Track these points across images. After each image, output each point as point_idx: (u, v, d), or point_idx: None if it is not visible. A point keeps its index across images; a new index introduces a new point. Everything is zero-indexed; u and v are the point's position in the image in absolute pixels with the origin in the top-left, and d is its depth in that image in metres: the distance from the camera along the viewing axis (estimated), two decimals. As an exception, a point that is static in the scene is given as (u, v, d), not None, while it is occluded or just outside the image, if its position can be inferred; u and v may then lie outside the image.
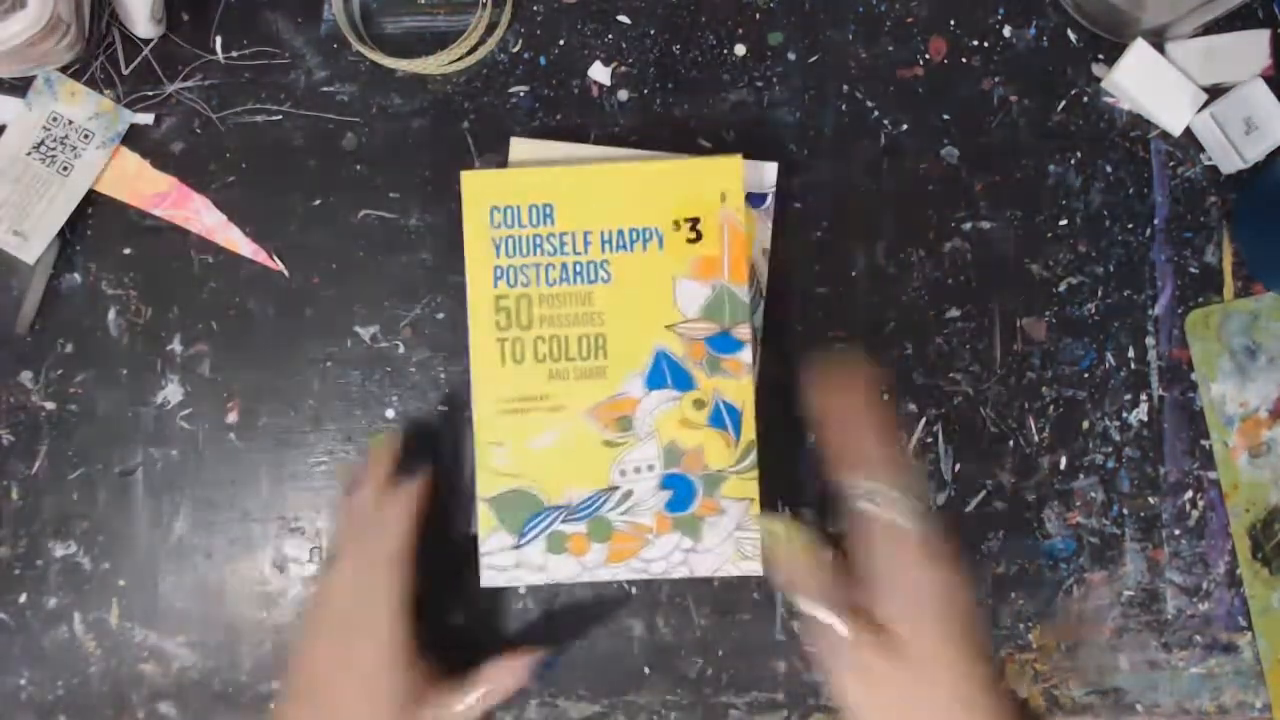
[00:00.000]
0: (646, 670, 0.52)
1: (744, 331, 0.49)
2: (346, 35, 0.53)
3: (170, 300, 0.53)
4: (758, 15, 0.54)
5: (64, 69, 0.53)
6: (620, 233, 0.49)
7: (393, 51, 0.53)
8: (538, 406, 0.49)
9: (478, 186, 0.49)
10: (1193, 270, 0.54)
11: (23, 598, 0.52)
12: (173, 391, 0.53)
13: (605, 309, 0.49)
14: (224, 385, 0.53)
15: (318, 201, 0.54)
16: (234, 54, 0.54)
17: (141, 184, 0.53)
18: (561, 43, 0.54)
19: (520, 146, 0.52)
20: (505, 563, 0.49)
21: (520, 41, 0.54)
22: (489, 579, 0.49)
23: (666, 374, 0.49)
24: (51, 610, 0.52)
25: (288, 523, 0.53)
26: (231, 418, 0.53)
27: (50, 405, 0.53)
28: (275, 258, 0.53)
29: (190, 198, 0.53)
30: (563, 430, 0.49)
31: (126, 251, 0.53)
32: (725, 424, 0.49)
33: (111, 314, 0.53)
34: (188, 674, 0.52)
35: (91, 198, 0.53)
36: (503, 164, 0.53)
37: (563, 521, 0.49)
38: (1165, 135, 0.54)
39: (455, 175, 0.53)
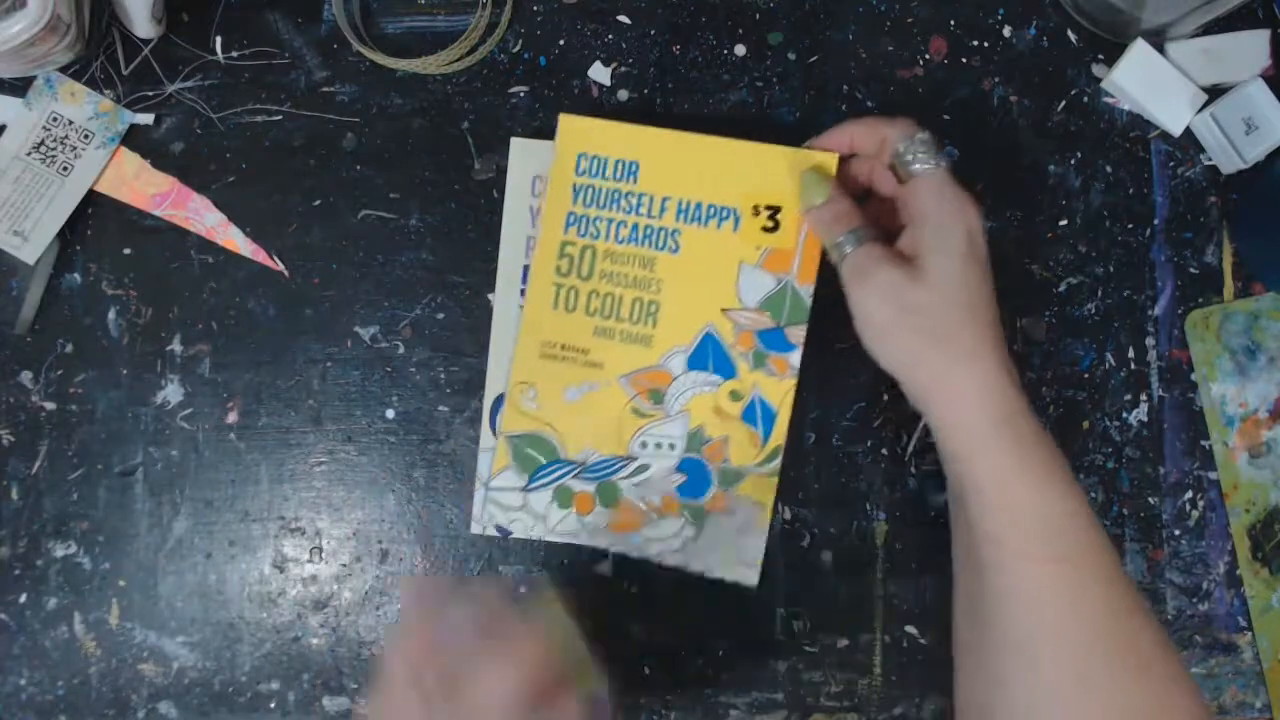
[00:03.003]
0: (646, 670, 0.52)
1: (798, 333, 0.48)
2: (346, 35, 0.53)
3: (170, 300, 0.53)
4: (758, 15, 0.54)
5: (64, 69, 0.53)
6: (699, 206, 0.48)
7: (393, 51, 0.53)
8: (577, 358, 0.49)
9: (572, 130, 0.49)
10: (1193, 270, 0.54)
11: (23, 598, 0.52)
12: (173, 391, 0.53)
13: (666, 278, 0.48)
14: (224, 385, 0.53)
15: (318, 201, 0.54)
16: (234, 54, 0.54)
17: (141, 184, 0.53)
18: (561, 43, 0.54)
19: (521, 147, 0.52)
20: (510, 502, 0.49)
21: (520, 41, 0.54)
22: (489, 516, 0.49)
23: (710, 357, 0.48)
24: (51, 610, 0.52)
25: (288, 523, 0.53)
26: (231, 418, 0.53)
27: (50, 405, 0.53)
28: (275, 258, 0.53)
29: (190, 198, 0.53)
30: (596, 388, 0.48)
31: (126, 251, 0.53)
32: (757, 421, 0.48)
33: (111, 314, 0.53)
34: (188, 674, 0.52)
35: (91, 198, 0.53)
36: (503, 164, 0.53)
37: (574, 477, 0.48)
38: (1165, 135, 0.54)
39: (455, 175, 0.54)
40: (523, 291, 0.51)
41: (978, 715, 0.43)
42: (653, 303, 0.48)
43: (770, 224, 0.48)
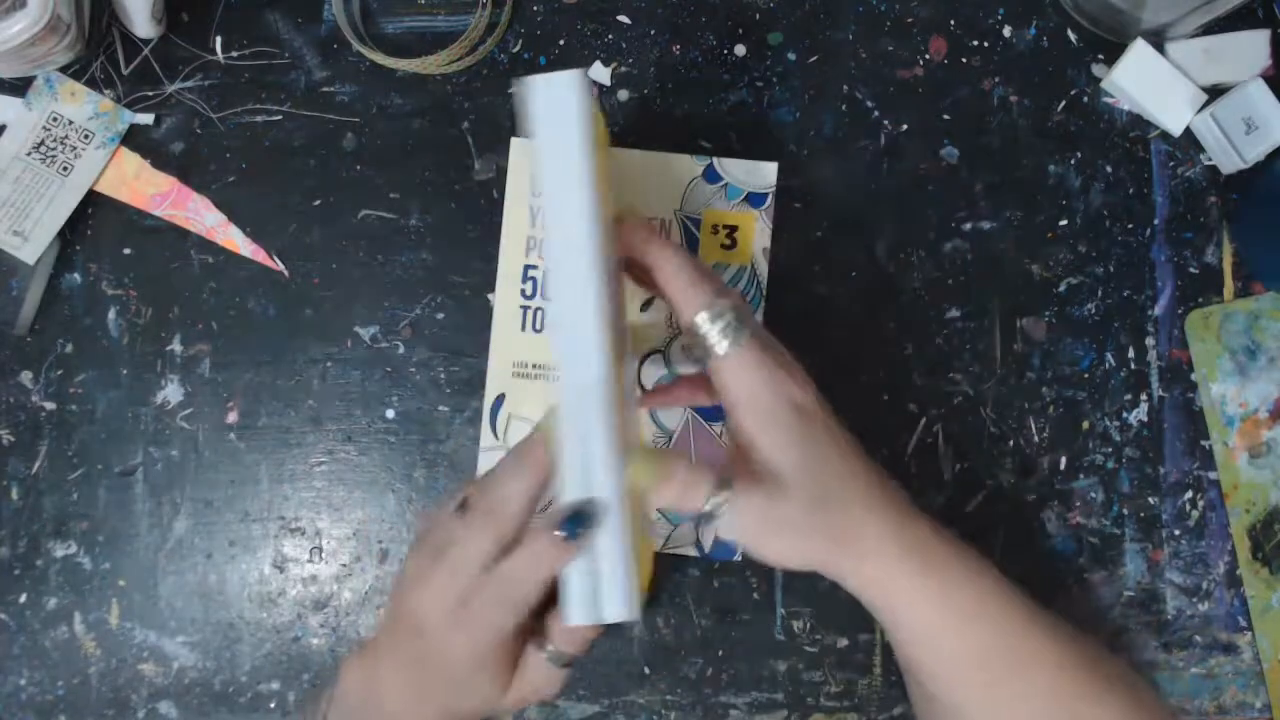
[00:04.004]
0: (646, 670, 0.52)
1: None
2: (346, 35, 0.53)
3: (170, 300, 0.53)
4: (758, 15, 0.54)
5: (64, 69, 0.53)
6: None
7: (393, 51, 0.53)
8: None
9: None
10: (1193, 270, 0.54)
11: (23, 598, 0.52)
12: (173, 391, 0.53)
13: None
14: (224, 385, 0.53)
15: (318, 201, 0.54)
16: (234, 54, 0.54)
17: (141, 184, 0.53)
18: (561, 43, 0.54)
19: (521, 146, 0.52)
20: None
21: (520, 41, 0.54)
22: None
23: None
24: (51, 610, 0.52)
25: (288, 523, 0.53)
26: (231, 418, 0.53)
27: (50, 405, 0.53)
28: (275, 258, 0.53)
29: (190, 198, 0.53)
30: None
31: (126, 251, 0.53)
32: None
33: (111, 314, 0.53)
34: (188, 674, 0.52)
35: (91, 198, 0.53)
36: (503, 164, 0.53)
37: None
38: (1165, 135, 0.54)
39: (455, 175, 0.54)
40: (524, 291, 0.52)
41: None
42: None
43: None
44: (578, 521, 0.36)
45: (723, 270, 0.52)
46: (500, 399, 0.51)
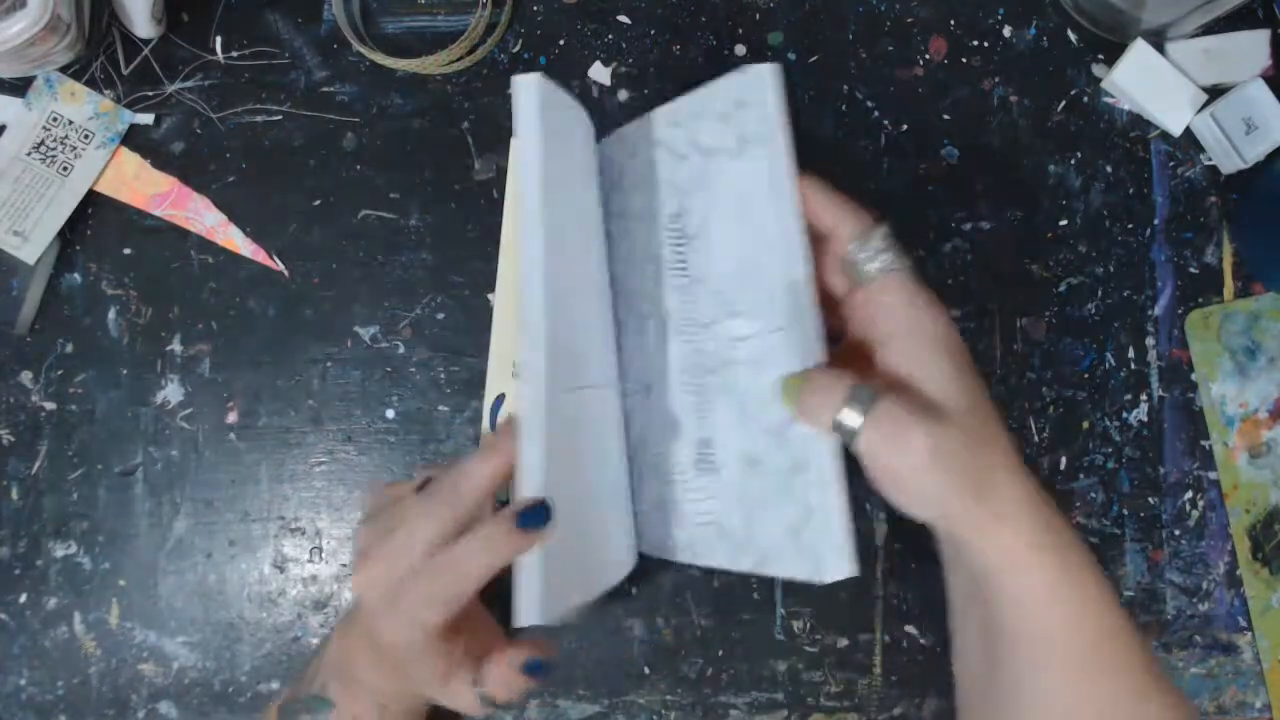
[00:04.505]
0: (646, 670, 0.52)
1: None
2: (346, 35, 0.53)
3: (170, 300, 0.53)
4: (758, 15, 0.54)
5: (64, 69, 0.53)
6: None
7: (393, 51, 0.53)
8: None
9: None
10: (1193, 270, 0.54)
11: (23, 598, 0.52)
12: (173, 391, 0.53)
13: None
14: (224, 385, 0.53)
15: (318, 201, 0.54)
16: (234, 54, 0.54)
17: (141, 184, 0.53)
18: (561, 43, 0.54)
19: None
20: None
21: (520, 41, 0.54)
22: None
23: None
24: (51, 610, 0.52)
25: (288, 523, 0.53)
26: (231, 418, 0.53)
27: (50, 405, 0.53)
28: (275, 258, 0.53)
29: (190, 198, 0.53)
30: None
31: (126, 251, 0.53)
32: None
33: (111, 314, 0.53)
34: (188, 674, 0.52)
35: (91, 198, 0.53)
36: (503, 164, 0.53)
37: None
38: (1165, 135, 0.54)
39: (455, 175, 0.54)
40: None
41: None
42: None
43: None
44: (535, 515, 0.36)
45: None
46: (500, 399, 0.51)
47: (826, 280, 0.41)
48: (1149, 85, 0.53)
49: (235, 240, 0.53)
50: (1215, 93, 0.54)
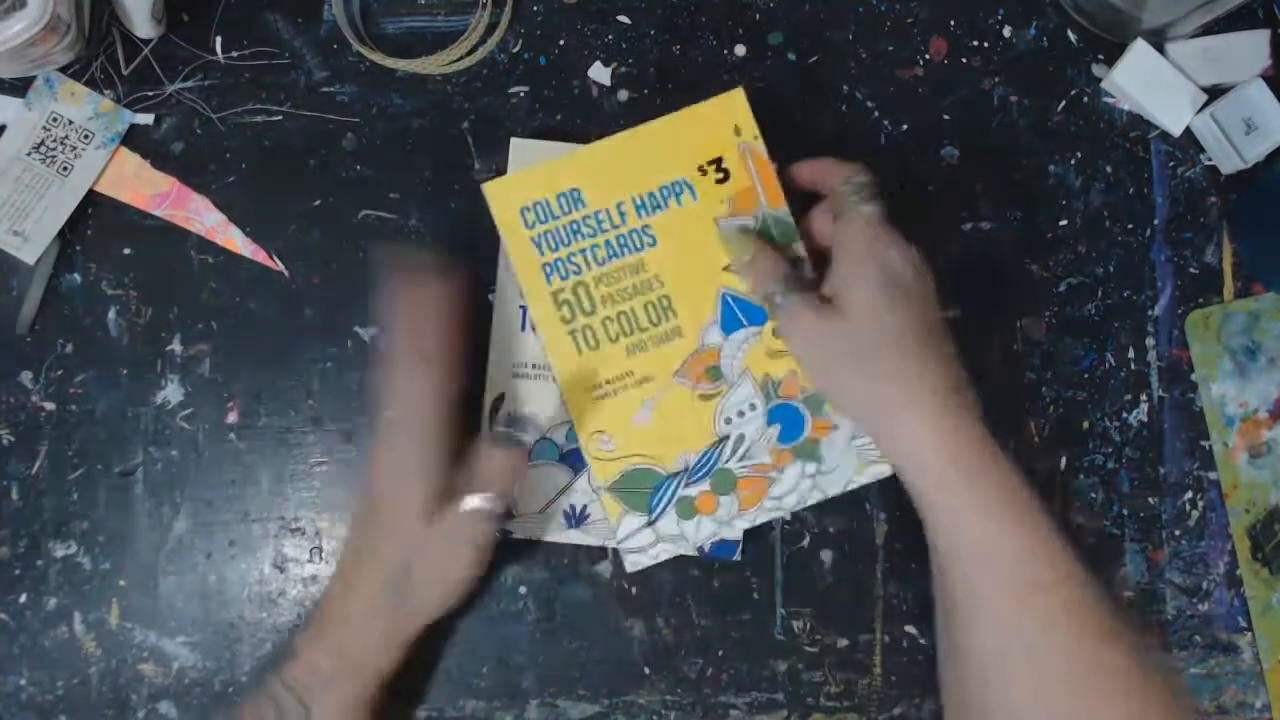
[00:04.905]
0: (646, 670, 0.52)
1: (799, 249, 0.48)
2: (346, 35, 0.53)
3: (170, 300, 0.53)
4: (758, 15, 0.54)
5: (64, 69, 0.53)
6: (650, 195, 0.48)
7: (393, 51, 0.53)
8: (626, 384, 0.49)
9: (502, 192, 0.48)
10: (1193, 270, 0.54)
11: (23, 598, 0.52)
12: (173, 391, 0.53)
13: (660, 271, 0.48)
14: (224, 385, 0.53)
15: (318, 201, 0.54)
16: (234, 54, 0.54)
17: (141, 184, 0.53)
18: (561, 43, 0.54)
19: (521, 147, 0.52)
20: (643, 543, 0.49)
21: (520, 41, 0.54)
22: (634, 564, 0.49)
23: (738, 314, 0.49)
24: (51, 610, 0.52)
25: (288, 523, 0.53)
26: (231, 418, 0.53)
27: (50, 405, 0.53)
28: (275, 258, 0.53)
29: (190, 198, 0.53)
30: (657, 399, 0.49)
31: (126, 251, 0.53)
32: None
33: (111, 314, 0.53)
34: (188, 674, 0.52)
35: (91, 198, 0.53)
36: (503, 164, 0.53)
37: (685, 486, 0.48)
38: (1165, 135, 0.54)
39: (455, 175, 0.54)
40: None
41: None
42: (662, 298, 0.48)
43: (720, 175, 0.49)
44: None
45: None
46: (500, 399, 0.51)
47: (815, 236, 0.48)
48: (1149, 85, 0.53)
49: (235, 240, 0.53)
50: (1215, 93, 0.54)
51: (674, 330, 0.48)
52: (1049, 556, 0.39)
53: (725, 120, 0.48)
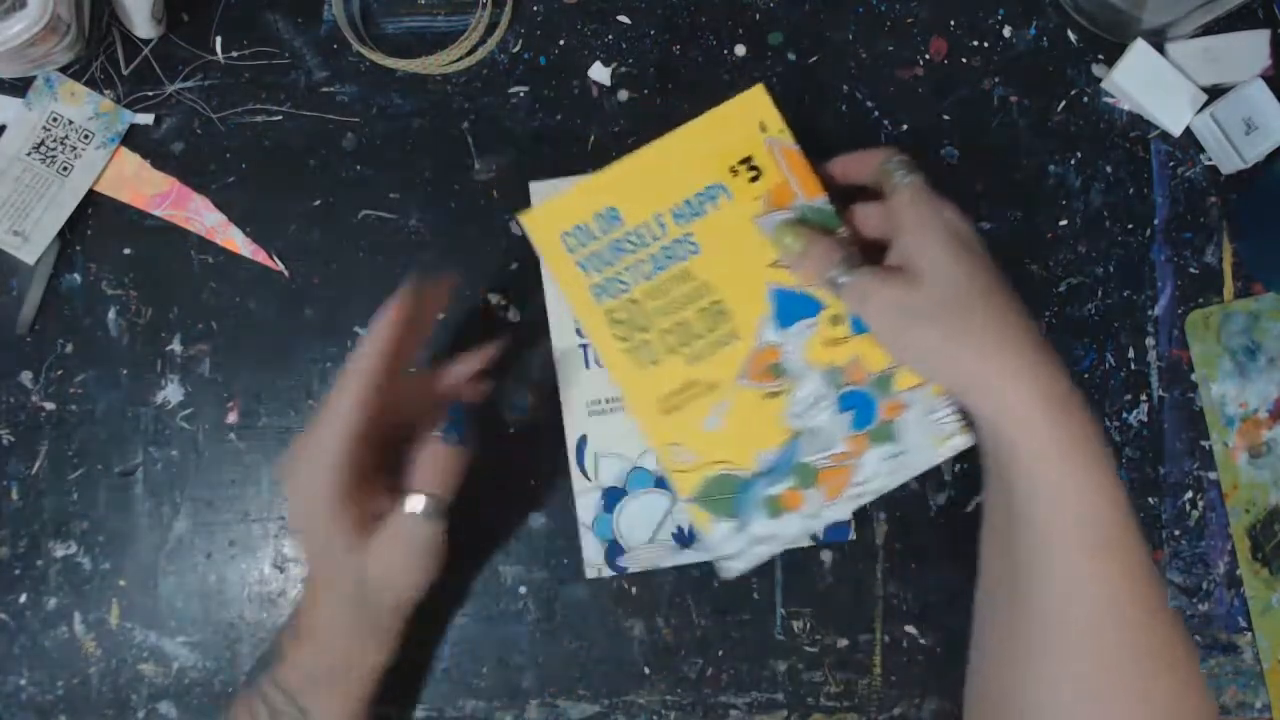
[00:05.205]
0: (646, 670, 0.52)
1: (843, 233, 0.48)
2: (346, 35, 0.53)
3: (170, 300, 0.53)
4: (758, 15, 0.54)
5: (64, 69, 0.53)
6: (687, 203, 0.48)
7: (393, 51, 0.53)
8: (693, 394, 0.48)
9: (541, 220, 0.48)
10: (1193, 270, 0.54)
11: (23, 598, 0.52)
12: (173, 391, 0.53)
13: (708, 277, 0.48)
14: (224, 385, 0.53)
15: (318, 201, 0.54)
16: (234, 54, 0.54)
17: (141, 184, 0.53)
18: (561, 43, 0.54)
19: (540, 189, 0.52)
20: (737, 548, 0.48)
21: (520, 41, 0.54)
22: (730, 572, 0.48)
23: (792, 307, 0.48)
24: (51, 610, 0.52)
25: (288, 523, 0.53)
26: (231, 418, 0.53)
27: (50, 405, 0.53)
28: (275, 258, 0.53)
29: (190, 198, 0.53)
30: (726, 404, 0.48)
31: (126, 251, 0.53)
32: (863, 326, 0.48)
33: (111, 314, 0.53)
34: (188, 674, 0.52)
35: (91, 198, 0.53)
36: (502, 164, 0.53)
37: (769, 486, 0.48)
38: (1165, 135, 0.54)
39: (455, 175, 0.54)
40: (578, 330, 0.52)
41: (998, 700, 0.42)
42: (714, 303, 0.48)
43: (752, 174, 0.48)
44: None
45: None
46: (583, 440, 0.52)
47: (861, 225, 0.48)
48: (1149, 85, 0.53)
49: (235, 240, 0.53)
50: (1215, 93, 0.54)
51: (730, 334, 0.48)
52: (1119, 518, 0.39)
53: (750, 118, 0.48)
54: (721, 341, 0.48)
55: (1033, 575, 0.40)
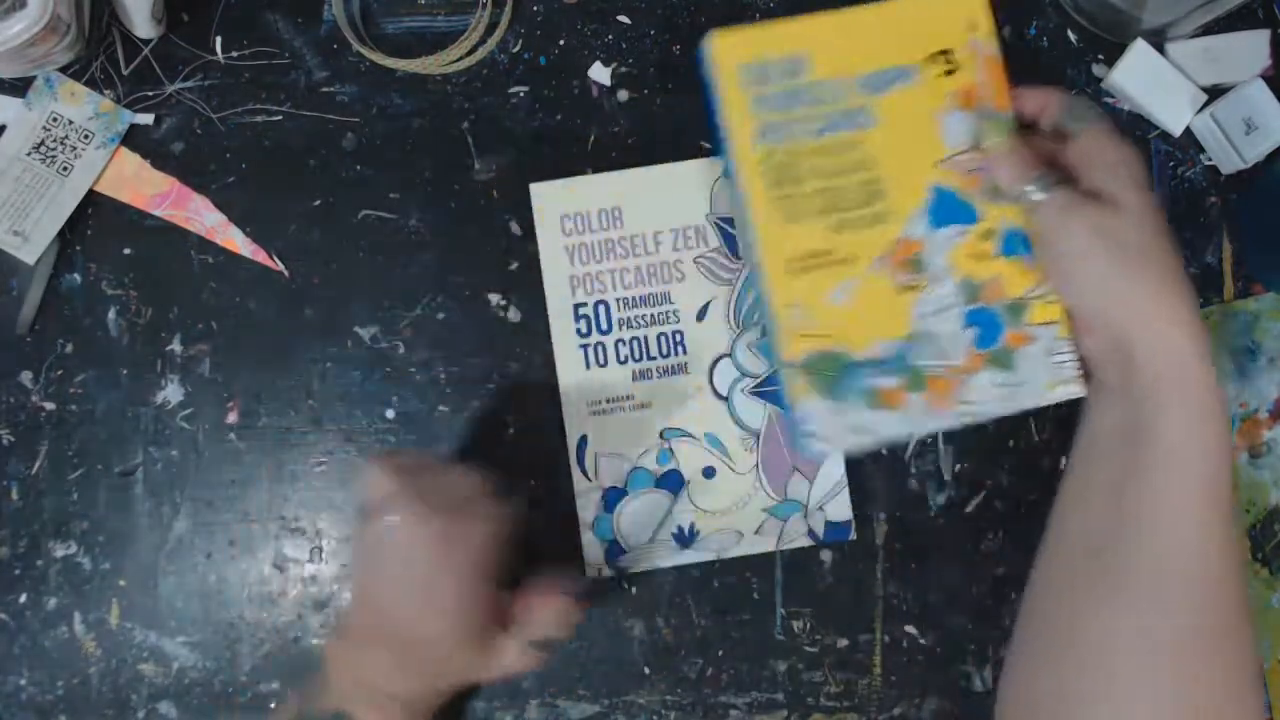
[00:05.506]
0: (646, 670, 0.52)
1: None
2: (346, 35, 0.53)
3: (170, 300, 0.53)
4: (758, 15, 0.54)
5: (64, 69, 0.53)
6: (875, 75, 0.46)
7: (393, 51, 0.53)
8: (825, 261, 0.46)
9: (727, 47, 0.46)
10: (1193, 270, 0.54)
11: (23, 598, 0.52)
12: (173, 391, 0.53)
13: (875, 153, 0.46)
14: (224, 385, 0.53)
15: (318, 201, 0.54)
16: (234, 54, 0.54)
17: (141, 184, 0.53)
18: (561, 43, 0.54)
19: (541, 191, 0.52)
20: (829, 431, 0.46)
21: (520, 41, 0.54)
22: (813, 451, 0.46)
23: (948, 209, 0.46)
24: (51, 610, 0.52)
25: (288, 523, 0.53)
26: (231, 418, 0.53)
27: (50, 405, 0.53)
28: (275, 258, 0.53)
29: (190, 198, 0.53)
30: (855, 282, 0.46)
31: (126, 251, 0.53)
32: (1018, 250, 0.47)
33: (111, 314, 0.53)
34: (188, 674, 0.52)
35: (91, 198, 0.53)
36: (502, 164, 0.53)
37: (875, 376, 0.46)
38: (1165, 135, 0.54)
39: (455, 175, 0.54)
40: (579, 330, 0.52)
41: (1067, 633, 0.43)
42: (871, 179, 0.46)
43: (948, 67, 0.47)
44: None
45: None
46: (584, 439, 0.52)
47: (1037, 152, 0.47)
48: (1149, 85, 0.53)
49: (235, 240, 0.53)
50: (1215, 93, 0.54)
51: (881, 214, 0.46)
52: (1228, 478, 0.41)
53: (961, 12, 0.46)
54: (870, 220, 0.46)
55: (1141, 524, 0.41)
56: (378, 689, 0.42)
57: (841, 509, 0.51)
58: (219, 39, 0.54)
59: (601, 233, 0.52)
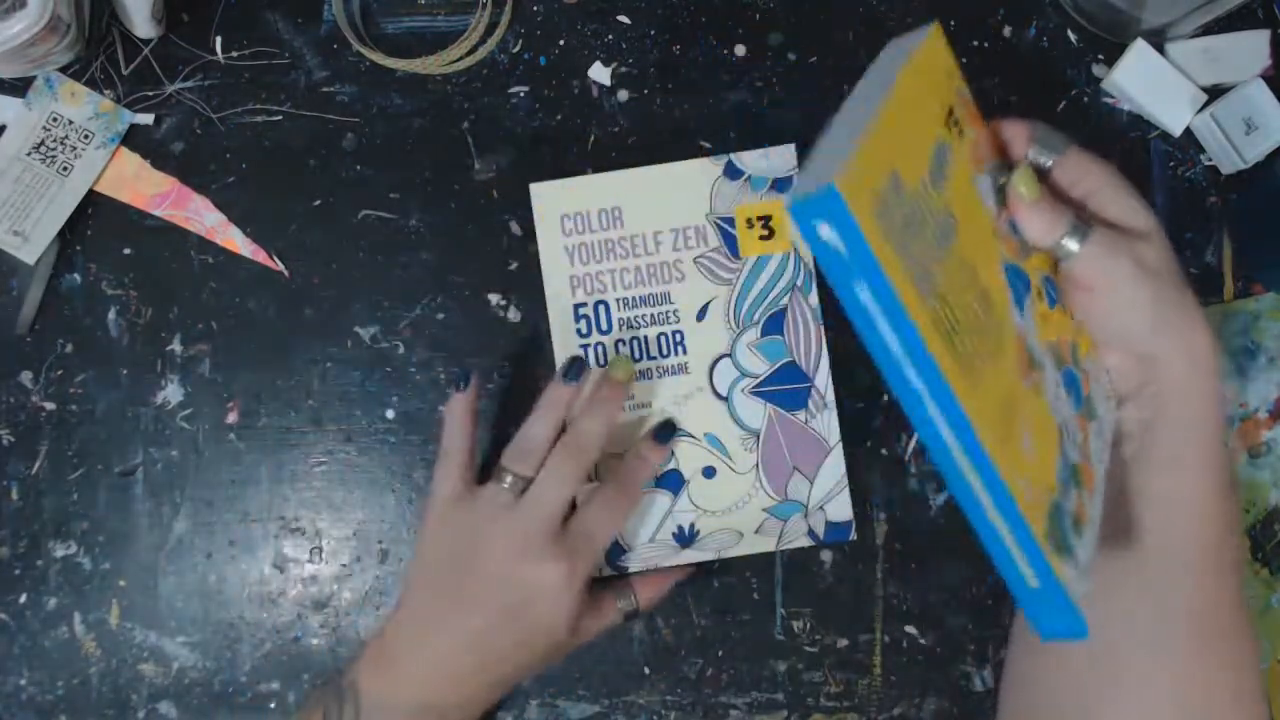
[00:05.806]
0: (646, 670, 0.52)
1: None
2: (346, 35, 0.53)
3: (170, 300, 0.53)
4: (758, 15, 0.54)
5: (64, 69, 0.53)
6: (933, 162, 0.36)
7: (393, 51, 0.53)
8: (1011, 404, 0.36)
9: (853, 185, 0.29)
10: (1193, 270, 0.54)
11: (23, 598, 0.52)
12: (173, 391, 0.53)
13: (968, 254, 0.36)
14: (224, 385, 0.53)
15: (318, 201, 0.54)
16: (234, 54, 0.54)
17: (141, 184, 0.53)
18: (561, 43, 0.54)
19: (540, 191, 0.52)
20: (1085, 587, 0.35)
21: (520, 41, 0.54)
22: (1079, 624, 0.34)
23: (1018, 284, 0.39)
24: (51, 610, 0.52)
25: (288, 523, 0.53)
26: (231, 418, 0.53)
27: (50, 405, 0.53)
28: (275, 258, 0.53)
29: (190, 198, 0.53)
30: (1023, 414, 0.36)
31: (126, 251, 0.53)
32: (1055, 296, 0.42)
33: (111, 314, 0.53)
34: (188, 674, 0.52)
35: (91, 198, 0.53)
36: (502, 164, 0.53)
37: (1066, 500, 0.37)
38: (1165, 135, 0.54)
39: (455, 175, 0.54)
40: (579, 330, 0.52)
41: (1064, 647, 0.42)
42: (981, 288, 0.36)
43: (957, 128, 0.39)
44: (666, 433, 0.51)
45: (766, 262, 0.52)
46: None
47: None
48: (1149, 85, 0.53)
49: (235, 240, 0.53)
50: (1215, 93, 0.54)
51: (999, 324, 0.36)
52: (1235, 503, 0.42)
53: (939, 63, 0.41)
54: (1000, 334, 0.36)
55: (1154, 515, 0.41)
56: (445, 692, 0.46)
57: (842, 509, 0.51)
58: (219, 39, 0.54)
59: (601, 233, 0.52)
